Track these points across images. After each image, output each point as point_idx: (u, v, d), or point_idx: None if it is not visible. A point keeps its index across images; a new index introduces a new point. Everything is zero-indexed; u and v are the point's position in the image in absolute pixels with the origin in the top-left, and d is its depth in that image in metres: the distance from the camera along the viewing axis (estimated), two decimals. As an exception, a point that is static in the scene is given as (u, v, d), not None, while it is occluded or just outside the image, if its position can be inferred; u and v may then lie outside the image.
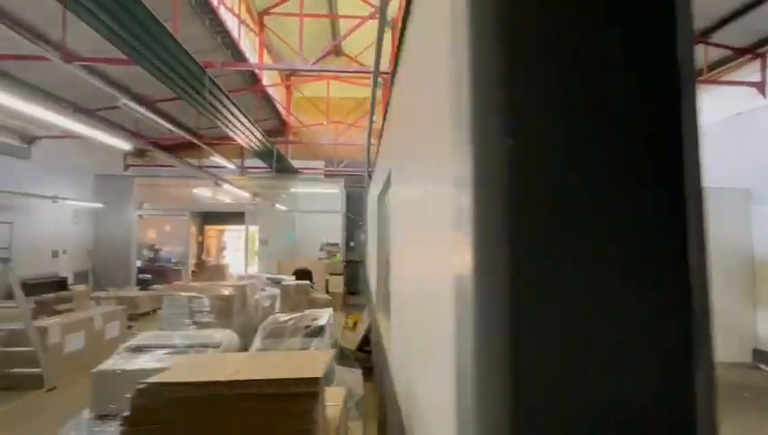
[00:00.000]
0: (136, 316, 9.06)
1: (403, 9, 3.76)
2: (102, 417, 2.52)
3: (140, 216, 12.15)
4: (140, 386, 1.18)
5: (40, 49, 6.29)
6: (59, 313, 6.25)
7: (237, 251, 20.65)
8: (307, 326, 2.84)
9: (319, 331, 2.85)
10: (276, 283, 7.09)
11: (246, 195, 11.06)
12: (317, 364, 1.34)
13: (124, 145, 5.98)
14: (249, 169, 13.30)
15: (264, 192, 13.78)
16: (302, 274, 10.26)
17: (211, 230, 18.89)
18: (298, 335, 2.77)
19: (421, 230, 1.14)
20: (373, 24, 9.02)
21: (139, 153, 12.99)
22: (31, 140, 9.35)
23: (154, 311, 9.88)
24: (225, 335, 3.00)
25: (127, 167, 13.18)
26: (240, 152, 13.47)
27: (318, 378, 1.19)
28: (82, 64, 6.69)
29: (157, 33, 4.44)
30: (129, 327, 6.88)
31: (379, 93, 15.05)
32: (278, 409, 1.17)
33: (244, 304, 4.29)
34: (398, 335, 1.93)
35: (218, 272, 13.05)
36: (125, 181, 12.03)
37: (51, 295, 7.04)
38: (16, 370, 4.89)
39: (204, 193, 13.89)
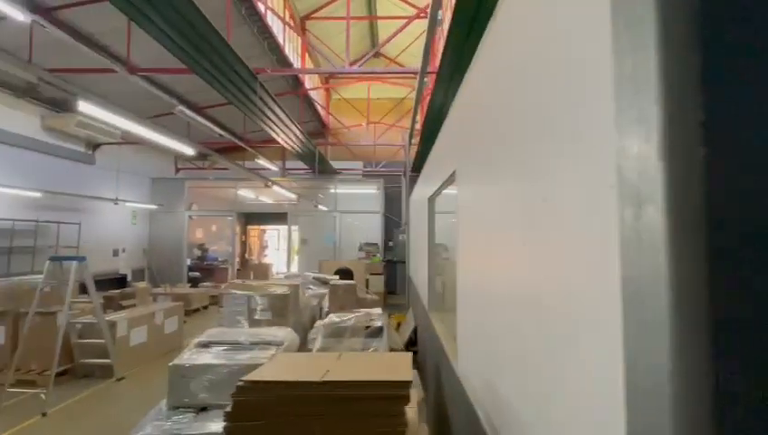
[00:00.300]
0: (189, 312, 9.53)
1: (471, 10, 3.69)
2: (177, 408, 2.65)
3: (190, 217, 12.77)
4: (241, 383, 1.23)
5: (107, 62, 6.75)
6: (123, 308, 6.69)
7: (277, 250, 21.29)
8: (367, 327, 2.88)
9: (378, 331, 2.88)
10: (322, 282, 7.23)
11: (292, 196, 11.33)
12: (403, 367, 1.35)
13: (188, 150, 6.29)
14: (290, 171, 13.64)
15: (304, 193, 14.11)
16: (344, 273, 10.41)
17: (253, 230, 19.50)
18: (359, 336, 2.81)
19: (528, 230, 1.12)
20: (413, 25, 9.04)
21: (200, 156, 13.66)
22: (95, 146, 10.06)
23: (205, 307, 10.37)
24: (287, 334, 3.08)
25: (177, 170, 13.90)
26: (281, 155, 13.85)
27: (409, 381, 1.20)
28: (143, 75, 7.10)
29: (215, 43, 4.64)
30: (184, 322, 7.25)
31: (414, 93, 14.98)
32: (371, 410, 1.19)
33: (297, 302, 4.40)
34: (472, 336, 1.90)
35: (262, 271, 13.52)
36: (177, 184, 12.69)
37: (117, 292, 7.54)
38: (90, 360, 5.28)
39: (247, 194, 14.43)
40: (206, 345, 2.97)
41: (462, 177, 2.19)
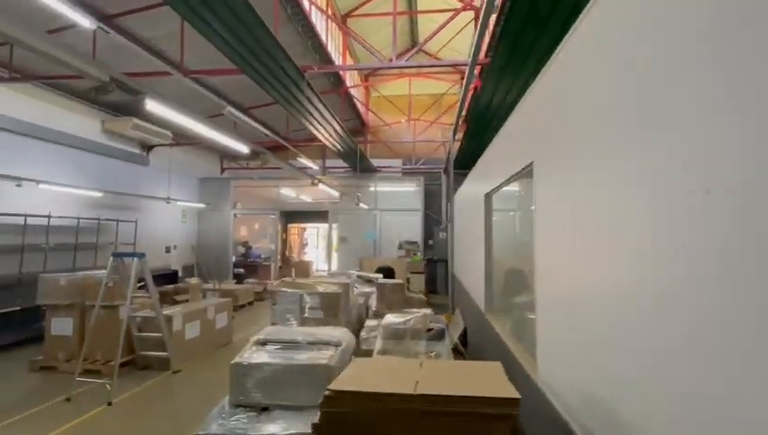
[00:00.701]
0: (236, 308, 9.80)
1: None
2: (239, 407, 2.65)
3: (235, 215, 13.15)
4: (328, 393, 1.15)
5: (161, 64, 7.00)
6: (177, 302, 6.93)
7: (316, 248, 21.60)
8: (429, 329, 2.75)
9: (440, 335, 2.74)
10: (366, 280, 7.18)
11: (335, 193, 11.40)
12: (498, 380, 1.21)
13: (244, 148, 6.45)
14: (330, 170, 13.74)
15: (344, 191, 14.18)
16: (385, 271, 10.33)
17: (293, 228, 19.86)
18: (420, 339, 2.69)
19: (630, 228, 0.98)
20: (454, 19, 8.79)
21: (254, 155, 14.07)
22: (148, 148, 10.55)
23: (250, 303, 10.64)
24: (343, 334, 3.01)
25: (223, 170, 14.38)
26: (321, 154, 13.99)
27: (518, 399, 1.06)
28: (194, 77, 7.33)
29: (268, 44, 4.66)
30: (232, 318, 7.43)
31: (455, 88, 14.64)
32: (477, 430, 1.06)
33: (347, 301, 4.35)
34: (561, 342, 1.73)
35: (303, 268, 13.74)
36: (223, 183, 13.11)
37: (170, 287, 7.84)
38: (149, 353, 5.49)
39: (288, 193, 14.69)
40: (263, 344, 2.95)
41: (542, 170, 2.00)
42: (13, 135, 7.06)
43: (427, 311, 4.64)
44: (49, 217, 7.40)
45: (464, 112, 7.53)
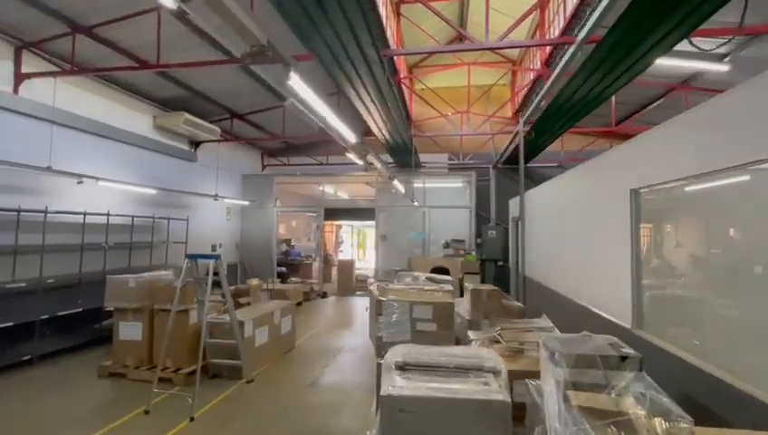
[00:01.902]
0: (286, 308, 9.47)
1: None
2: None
3: (278, 212, 12.84)
4: None
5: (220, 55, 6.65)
6: (240, 305, 6.59)
7: (351, 246, 21.22)
8: (623, 358, 2.22)
9: (637, 364, 2.21)
10: (438, 283, 6.67)
11: (401, 189, 10.89)
12: None
13: (352, 137, 6.10)
14: (372, 166, 13.26)
15: (382, 187, 13.72)
16: (440, 272, 9.82)
17: (327, 226, 19.56)
18: (612, 368, 2.17)
19: None
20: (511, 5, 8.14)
21: (284, 152, 13.77)
22: (196, 144, 10.31)
23: (299, 304, 10.30)
24: (491, 355, 2.51)
25: (264, 167, 14.12)
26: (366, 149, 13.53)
27: None
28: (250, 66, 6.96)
29: (354, 21, 4.19)
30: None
31: (505, 79, 13.90)
32: None
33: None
34: None
35: (346, 268, 13.35)
36: (266, 180, 12.83)
37: (231, 288, 7.52)
38: (219, 360, 5.14)
39: (328, 190, 14.32)
40: (403, 368, 2.47)
41: None
42: (71, 130, 6.84)
43: (547, 322, 4.10)
44: (108, 214, 7.18)
45: (543, 103, 6.90)
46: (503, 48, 9.89)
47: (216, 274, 4.67)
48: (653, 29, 4.56)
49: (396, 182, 9.76)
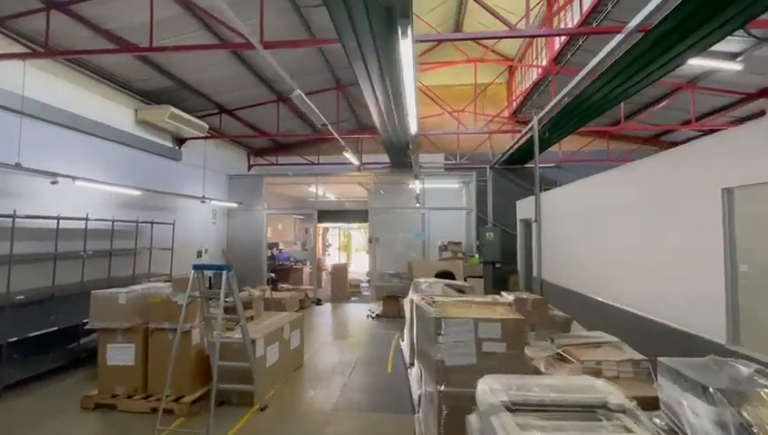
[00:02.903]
0: (282, 319, 8.80)
1: None
2: None
3: (268, 215, 12.08)
4: None
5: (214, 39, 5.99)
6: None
7: (338, 250, 20.55)
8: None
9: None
10: (458, 290, 6.23)
11: (418, 186, 10.37)
12: None
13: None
14: (367, 165, 12.74)
15: (375, 188, 13.24)
16: (445, 276, 9.40)
17: (310, 229, 18.82)
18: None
19: None
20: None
21: (272, 150, 12.93)
22: (181, 141, 9.49)
23: (295, 312, 9.64)
24: (614, 391, 2.07)
25: (250, 167, 13.32)
26: (358, 148, 13.02)
27: None
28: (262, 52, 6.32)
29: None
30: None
31: (502, 78, 13.69)
32: None
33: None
34: None
35: (340, 273, 12.74)
36: (254, 180, 12.06)
37: (230, 299, 6.81)
38: (228, 385, 4.48)
39: (318, 191, 13.67)
40: (512, 409, 1.99)
41: None
42: (43, 123, 5.99)
43: (607, 336, 3.71)
44: (87, 219, 6.34)
45: (565, 100, 6.60)
46: (534, 36, 9.38)
47: (226, 287, 4.05)
48: (698, 27, 4.32)
49: (417, 183, 9.12)
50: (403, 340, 6.75)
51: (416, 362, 4.52)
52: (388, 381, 5.42)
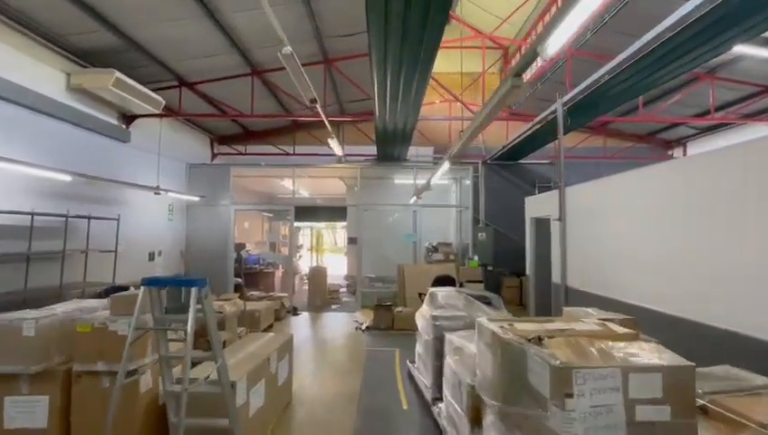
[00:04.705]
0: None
1: None
2: None
3: (235, 211, 10.45)
4: None
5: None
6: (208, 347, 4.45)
7: (310, 251, 19.00)
8: None
9: None
10: (486, 302, 5.11)
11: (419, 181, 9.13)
12: None
13: None
14: (348, 157, 11.40)
15: (354, 184, 12.00)
16: (444, 282, 8.30)
17: (283, 228, 17.25)
18: None
19: None
20: None
21: (240, 138, 11.20)
22: (129, 119, 7.75)
23: (270, 326, 8.16)
24: None
25: (214, 156, 11.61)
26: (340, 137, 11.66)
27: None
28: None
29: None
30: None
31: (495, 68, 12.84)
32: None
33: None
34: None
35: (319, 277, 11.32)
36: (220, 171, 10.40)
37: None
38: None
39: (287, 185, 12.18)
40: None
41: None
42: None
43: (742, 373, 2.70)
44: (-11, 211, 4.64)
45: (605, 77, 5.68)
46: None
47: (198, 306, 2.67)
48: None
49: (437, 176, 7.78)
50: (413, 362, 5.55)
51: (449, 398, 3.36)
52: (409, 421, 4.20)
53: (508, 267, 10.98)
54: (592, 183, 5.98)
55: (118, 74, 6.29)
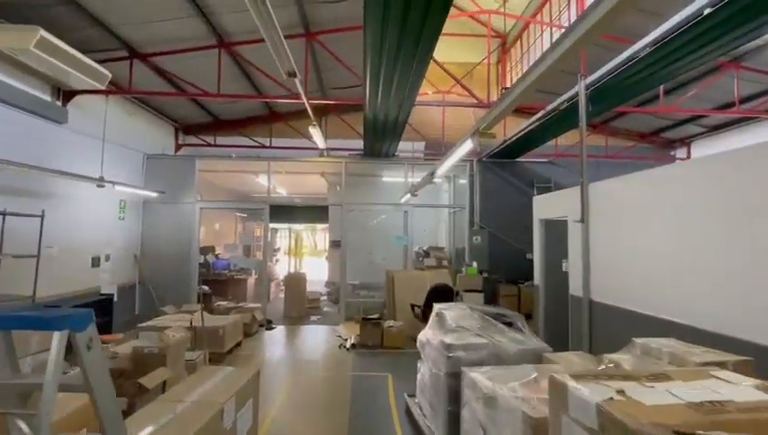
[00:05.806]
0: (219, 357, 6.12)
1: None
2: None
3: (200, 209, 9.14)
4: None
5: None
6: (143, 390, 3.27)
7: (287, 255, 17.69)
8: None
9: None
10: (506, 322, 4.08)
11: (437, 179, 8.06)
12: None
13: None
14: (332, 151, 10.27)
15: (336, 181, 10.91)
16: (442, 292, 7.26)
17: (257, 229, 15.93)
18: None
19: None
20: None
21: (209, 128, 9.86)
22: (66, 95, 6.41)
23: (238, 344, 6.92)
24: None
25: (179, 147, 10.25)
26: (322, 129, 10.51)
27: None
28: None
29: None
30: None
31: (492, 58, 11.97)
32: None
33: None
34: None
35: (297, 284, 10.11)
36: (183, 163, 9.08)
37: (118, 349, 4.05)
38: None
39: (263, 182, 10.94)
40: None
41: None
42: None
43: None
44: None
45: (641, 53, 4.80)
46: None
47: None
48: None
49: (445, 166, 6.65)
50: (413, 396, 4.47)
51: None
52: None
53: (504, 274, 10.06)
54: (627, 177, 5.04)
55: (43, 32, 4.97)
